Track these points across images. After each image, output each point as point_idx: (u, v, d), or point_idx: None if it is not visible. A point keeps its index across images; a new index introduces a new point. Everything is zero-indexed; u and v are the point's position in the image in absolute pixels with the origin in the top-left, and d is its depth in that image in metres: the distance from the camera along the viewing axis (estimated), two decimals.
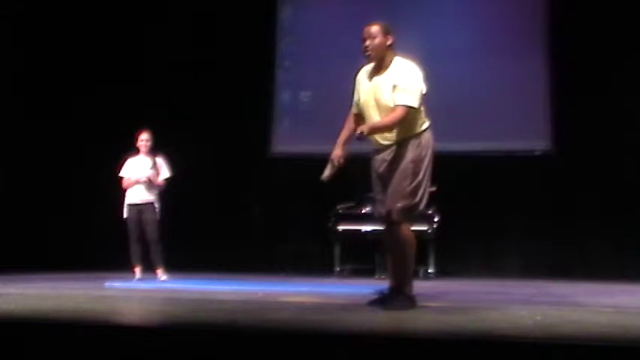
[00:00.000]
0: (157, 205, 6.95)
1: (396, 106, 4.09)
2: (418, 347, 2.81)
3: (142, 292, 5.69)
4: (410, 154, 4.15)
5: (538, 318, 3.71)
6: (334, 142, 4.40)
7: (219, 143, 8.83)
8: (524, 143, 8.40)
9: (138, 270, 6.83)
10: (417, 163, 4.15)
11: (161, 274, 6.83)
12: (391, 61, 4.20)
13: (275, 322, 3.55)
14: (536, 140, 8.38)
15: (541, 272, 7.84)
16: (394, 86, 4.11)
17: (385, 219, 4.25)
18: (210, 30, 9.13)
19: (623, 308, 4.56)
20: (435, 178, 4.35)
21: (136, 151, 7.06)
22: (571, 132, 8.13)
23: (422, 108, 4.22)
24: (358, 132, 4.09)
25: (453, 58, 8.50)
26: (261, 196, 8.96)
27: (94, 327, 3.24)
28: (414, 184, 4.13)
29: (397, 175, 4.14)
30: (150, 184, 6.92)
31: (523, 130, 8.37)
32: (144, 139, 7.00)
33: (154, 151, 7.04)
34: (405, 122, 4.12)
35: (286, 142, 9.17)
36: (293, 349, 2.85)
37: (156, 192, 6.99)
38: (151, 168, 6.94)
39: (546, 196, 8.22)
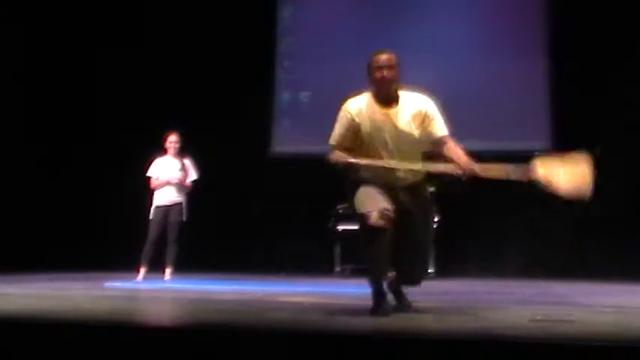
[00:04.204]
0: (184, 206, 7.02)
1: (444, 136, 4.05)
2: (418, 347, 2.81)
3: (142, 292, 5.70)
4: (430, 202, 4.18)
5: (538, 318, 3.71)
6: None
7: (219, 143, 8.82)
8: (524, 143, 8.39)
9: (142, 271, 6.79)
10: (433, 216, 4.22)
11: (168, 275, 6.84)
12: (397, 92, 3.96)
13: (275, 322, 3.55)
14: (536, 140, 8.38)
15: (541, 272, 7.83)
16: (424, 116, 3.94)
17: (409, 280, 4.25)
18: (211, 30, 9.12)
19: (623, 308, 4.56)
20: (434, 178, 4.35)
21: (163, 151, 7.10)
22: (571, 132, 8.13)
23: None
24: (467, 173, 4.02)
25: (453, 58, 8.51)
26: (261, 196, 8.96)
27: (93, 327, 3.24)
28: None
29: (426, 236, 4.22)
30: (180, 185, 6.97)
31: (523, 130, 8.37)
32: (173, 140, 7.09)
33: (181, 152, 7.09)
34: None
35: (286, 142, 9.17)
36: (293, 349, 2.85)
37: (184, 193, 7.05)
38: (180, 170, 7.00)
39: (546, 196, 8.19)
